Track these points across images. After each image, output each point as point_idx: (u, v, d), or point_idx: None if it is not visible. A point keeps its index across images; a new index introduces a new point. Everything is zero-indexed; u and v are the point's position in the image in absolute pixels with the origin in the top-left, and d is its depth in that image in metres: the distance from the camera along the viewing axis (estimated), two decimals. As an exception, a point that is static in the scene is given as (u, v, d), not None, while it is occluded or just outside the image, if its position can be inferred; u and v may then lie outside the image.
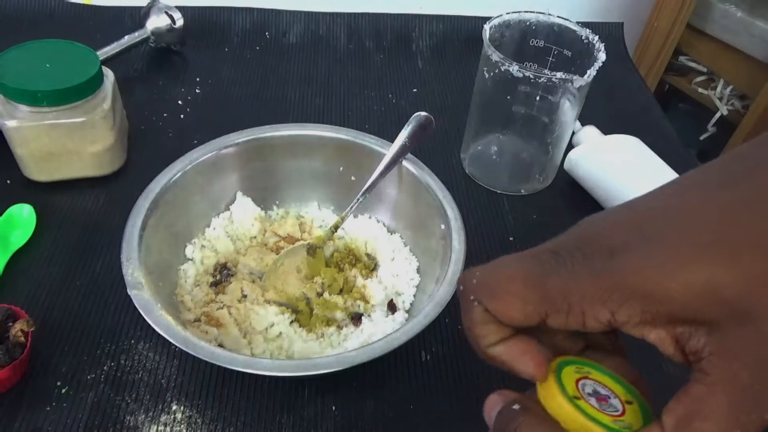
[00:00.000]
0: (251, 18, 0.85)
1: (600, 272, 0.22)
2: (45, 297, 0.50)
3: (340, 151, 0.56)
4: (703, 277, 0.21)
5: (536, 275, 0.24)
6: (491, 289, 0.25)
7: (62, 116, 0.55)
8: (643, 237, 0.22)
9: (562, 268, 0.23)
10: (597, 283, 0.22)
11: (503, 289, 0.24)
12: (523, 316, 0.24)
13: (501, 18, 0.60)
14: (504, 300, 0.24)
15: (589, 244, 0.23)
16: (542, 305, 0.24)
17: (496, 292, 0.25)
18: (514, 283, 0.24)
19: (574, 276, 0.23)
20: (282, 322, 0.49)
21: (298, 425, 0.44)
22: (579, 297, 0.23)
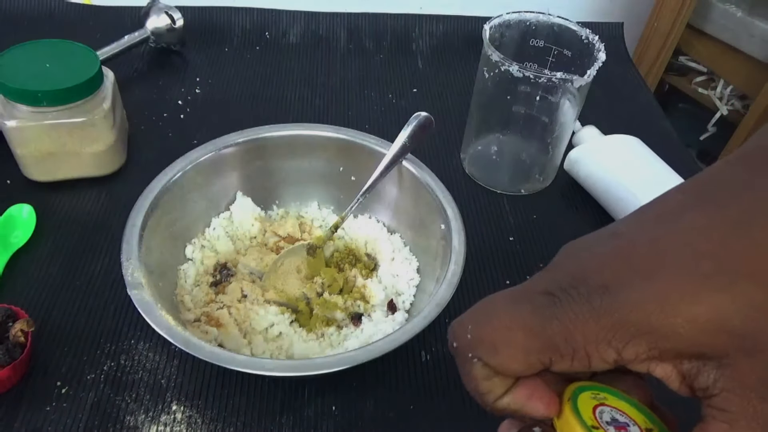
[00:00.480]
0: (251, 18, 0.85)
1: (600, 311, 0.21)
2: (45, 297, 0.50)
3: (340, 151, 0.56)
4: (707, 309, 0.20)
5: (535, 323, 0.22)
6: (489, 344, 0.23)
7: (62, 116, 0.55)
8: (637, 271, 0.22)
9: (559, 311, 0.22)
10: (599, 324, 0.21)
11: (503, 342, 0.23)
12: (526, 367, 0.23)
13: (501, 18, 0.60)
14: (506, 354, 0.23)
15: (582, 281, 0.22)
16: (545, 354, 0.23)
17: (496, 347, 0.23)
18: (514, 334, 0.23)
19: (574, 319, 0.22)
20: (282, 322, 0.49)
21: (298, 425, 0.44)
22: (582, 340, 0.22)
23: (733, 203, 0.22)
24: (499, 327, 0.23)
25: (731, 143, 1.11)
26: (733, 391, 0.21)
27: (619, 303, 0.21)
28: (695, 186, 0.24)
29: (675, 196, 0.24)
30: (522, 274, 0.57)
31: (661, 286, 0.21)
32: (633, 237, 0.23)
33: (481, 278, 0.56)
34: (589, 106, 0.62)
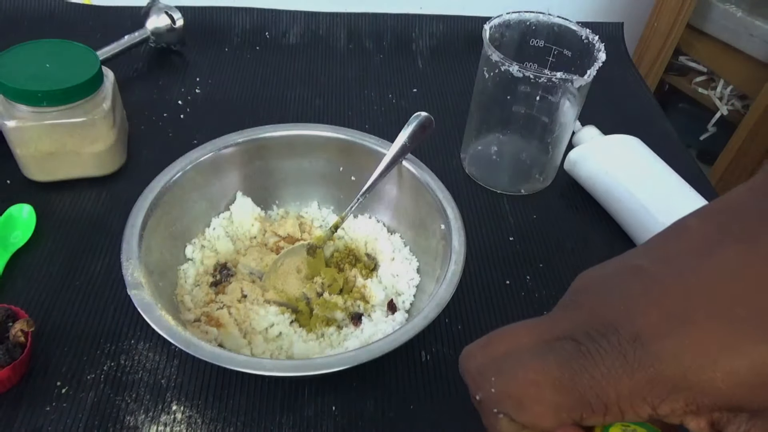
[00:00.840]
0: (251, 18, 0.85)
1: (634, 365, 0.20)
2: (45, 297, 0.50)
3: (340, 151, 0.56)
4: (748, 362, 0.19)
5: (564, 377, 0.21)
6: (516, 400, 0.22)
7: (62, 116, 0.55)
8: (670, 318, 0.20)
9: (590, 363, 0.21)
10: (633, 379, 0.20)
11: (530, 399, 0.22)
12: (556, 424, 0.22)
13: (501, 18, 0.60)
14: (534, 412, 0.22)
15: (612, 329, 0.21)
16: (576, 410, 0.21)
17: (523, 404, 0.22)
18: (541, 390, 0.21)
19: (606, 374, 0.21)
20: (282, 322, 0.49)
21: (298, 425, 0.44)
22: (616, 396, 0.21)
23: (763, 238, 0.20)
24: (525, 382, 0.22)
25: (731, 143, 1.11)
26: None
27: (653, 356, 0.20)
28: (720, 216, 0.22)
29: (700, 228, 0.22)
30: (522, 275, 0.57)
31: (697, 335, 0.20)
32: (661, 277, 0.22)
33: (481, 278, 0.56)
34: (589, 106, 0.62)
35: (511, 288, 0.55)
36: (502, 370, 0.23)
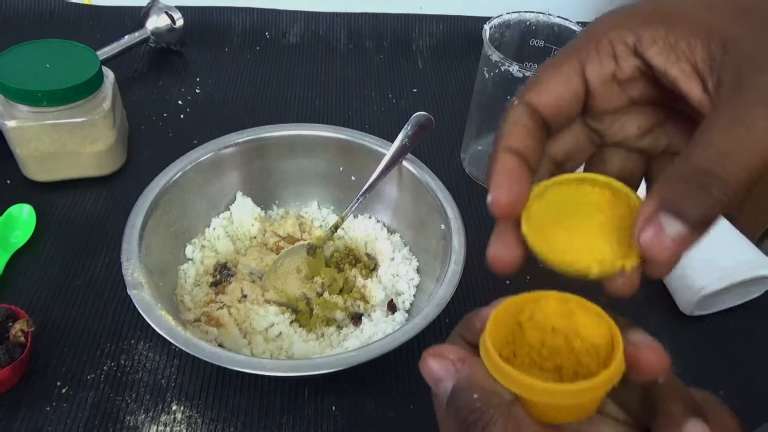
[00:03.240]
0: (251, 18, 0.85)
1: (619, 14, 0.23)
2: (45, 297, 0.50)
3: (340, 151, 0.56)
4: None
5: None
6: (536, 79, 0.24)
7: (62, 116, 0.55)
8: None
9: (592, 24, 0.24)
10: (614, 17, 0.23)
11: (545, 75, 0.24)
12: (565, 87, 0.23)
13: (501, 18, 0.60)
14: (546, 83, 0.24)
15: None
16: (577, 55, 0.23)
17: (539, 78, 0.24)
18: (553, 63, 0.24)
19: (604, 18, 0.24)
20: (282, 322, 0.49)
21: (298, 425, 0.44)
22: (606, 29, 0.23)
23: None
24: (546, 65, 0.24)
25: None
26: (747, 67, 0.19)
27: (638, 6, 0.23)
28: None
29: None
30: (522, 275, 0.56)
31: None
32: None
33: (481, 278, 0.56)
34: (589, 106, 0.62)
35: (511, 288, 0.55)
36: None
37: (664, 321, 0.54)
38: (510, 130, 0.24)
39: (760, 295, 0.56)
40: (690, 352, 0.52)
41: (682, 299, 0.54)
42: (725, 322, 0.55)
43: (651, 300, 0.56)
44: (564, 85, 0.23)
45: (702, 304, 0.53)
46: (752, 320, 0.55)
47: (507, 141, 0.23)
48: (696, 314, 0.54)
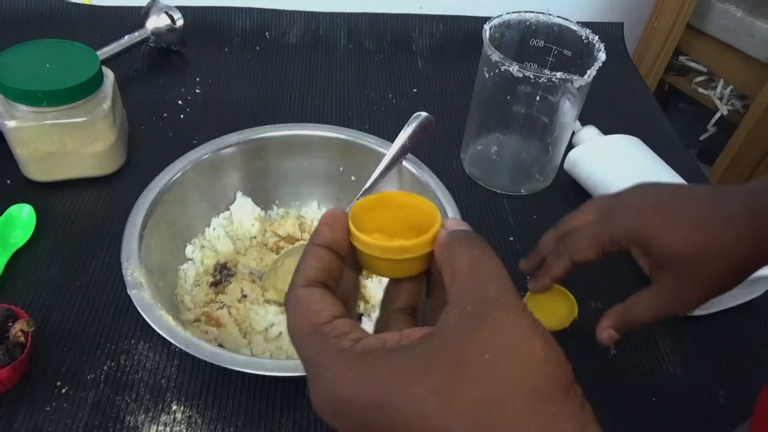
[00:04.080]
0: (251, 18, 0.85)
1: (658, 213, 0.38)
2: (45, 297, 0.50)
3: (340, 151, 0.56)
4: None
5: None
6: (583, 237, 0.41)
7: (62, 116, 0.55)
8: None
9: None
10: (650, 219, 0.38)
11: (583, 245, 0.41)
12: (592, 253, 0.40)
13: (501, 18, 0.60)
14: (584, 251, 0.41)
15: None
16: (600, 245, 0.40)
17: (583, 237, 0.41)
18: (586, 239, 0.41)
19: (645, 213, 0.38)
20: (282, 322, 0.49)
21: (298, 425, 0.44)
22: (615, 236, 0.39)
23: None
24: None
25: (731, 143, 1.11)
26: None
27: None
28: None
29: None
30: (522, 275, 0.56)
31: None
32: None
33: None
34: (589, 106, 0.62)
35: (511, 288, 0.55)
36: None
37: (664, 321, 0.54)
38: (555, 270, 0.43)
39: (760, 295, 0.56)
40: (690, 352, 0.52)
41: (682, 299, 0.54)
42: (725, 322, 0.55)
43: (651, 300, 0.56)
44: (593, 256, 0.40)
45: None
46: (752, 320, 0.55)
47: (553, 273, 0.43)
48: (696, 314, 0.54)
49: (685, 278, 0.37)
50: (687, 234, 0.36)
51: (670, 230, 0.36)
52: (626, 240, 0.38)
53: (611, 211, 0.39)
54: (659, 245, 0.37)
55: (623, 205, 0.39)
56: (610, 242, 0.39)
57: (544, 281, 0.43)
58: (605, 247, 0.39)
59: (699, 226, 0.36)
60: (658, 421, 0.47)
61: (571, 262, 0.41)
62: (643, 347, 0.52)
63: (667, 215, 0.37)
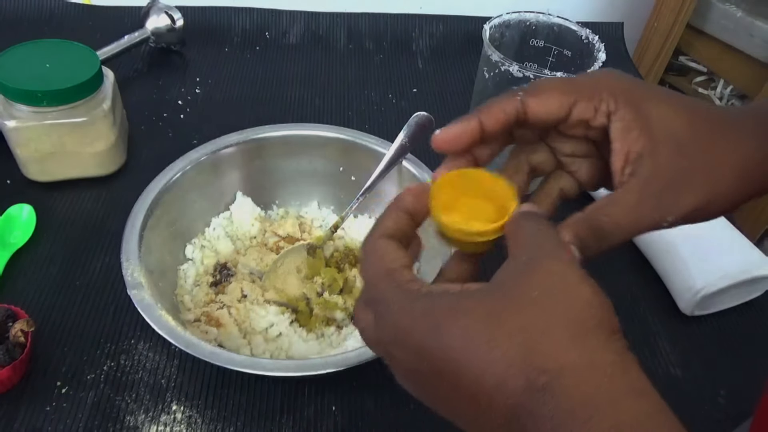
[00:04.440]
0: (251, 18, 0.85)
1: (621, 80, 0.31)
2: (45, 297, 0.50)
3: (340, 151, 0.56)
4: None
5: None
6: (535, 86, 0.31)
7: (62, 116, 0.55)
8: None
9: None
10: (615, 84, 0.30)
11: (548, 92, 0.31)
12: (557, 109, 0.30)
13: (501, 18, 0.60)
14: (544, 95, 0.30)
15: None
16: (577, 93, 0.30)
17: (539, 88, 0.31)
18: (554, 83, 0.31)
19: (609, 76, 0.31)
20: (282, 322, 0.49)
21: (298, 425, 0.44)
22: (603, 88, 0.30)
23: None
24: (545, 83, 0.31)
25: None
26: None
27: (631, 85, 0.30)
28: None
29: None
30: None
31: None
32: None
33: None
34: (589, 106, 0.62)
35: (511, 288, 0.55)
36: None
37: (664, 321, 0.54)
38: (491, 109, 0.31)
39: (760, 295, 0.56)
40: (690, 352, 0.52)
41: (682, 299, 0.54)
42: (725, 322, 0.55)
43: (651, 300, 0.56)
44: (557, 107, 0.30)
45: (702, 304, 0.53)
46: (752, 320, 0.55)
47: (482, 114, 0.31)
48: (696, 314, 0.54)
49: (682, 160, 0.28)
50: (694, 111, 0.29)
51: (675, 100, 0.30)
52: (613, 94, 0.29)
53: (592, 72, 0.33)
54: (658, 110, 0.29)
55: (609, 70, 0.32)
56: (591, 95, 0.30)
57: (464, 124, 0.31)
58: (580, 101, 0.30)
59: (705, 109, 0.30)
60: (658, 421, 0.47)
61: (523, 105, 0.30)
62: (643, 347, 0.52)
63: (664, 89, 0.31)
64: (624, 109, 0.29)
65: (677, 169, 0.28)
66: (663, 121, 0.29)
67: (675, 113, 0.29)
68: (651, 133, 0.29)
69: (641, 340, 0.52)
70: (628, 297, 0.56)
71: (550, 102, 0.30)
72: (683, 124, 0.29)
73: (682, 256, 0.53)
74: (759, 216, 1.03)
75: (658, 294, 0.56)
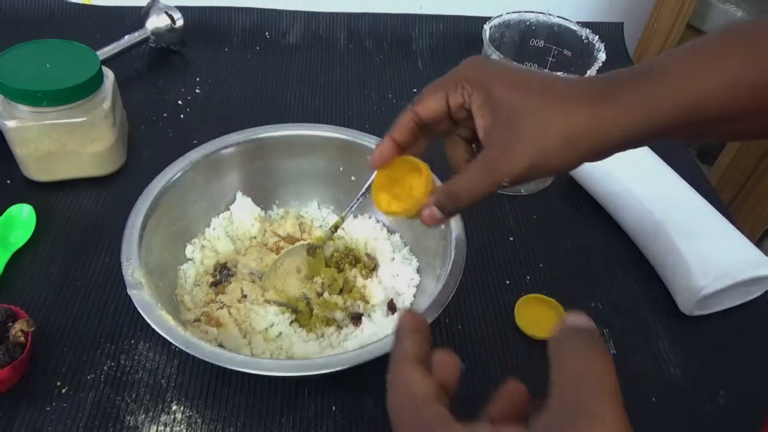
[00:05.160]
0: (251, 18, 0.85)
1: (477, 68, 0.37)
2: (45, 297, 0.50)
3: (340, 151, 0.56)
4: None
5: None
6: (421, 97, 0.39)
7: (62, 116, 0.55)
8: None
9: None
10: (472, 74, 0.37)
11: (426, 92, 0.39)
12: (438, 106, 0.38)
13: (501, 18, 0.60)
14: (425, 99, 0.39)
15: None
16: (446, 89, 0.38)
17: (424, 99, 0.39)
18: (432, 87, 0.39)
19: (469, 67, 0.37)
20: (282, 322, 0.49)
21: (298, 425, 0.44)
22: (464, 78, 0.37)
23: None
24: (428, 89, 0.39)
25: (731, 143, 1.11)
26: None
27: (486, 69, 0.37)
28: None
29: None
30: (522, 274, 0.57)
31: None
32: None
33: (481, 278, 0.56)
34: (589, 106, 0.62)
35: (511, 288, 0.55)
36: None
37: (664, 321, 0.54)
38: (396, 127, 0.40)
39: (760, 295, 0.56)
40: (690, 352, 0.52)
41: (682, 299, 0.54)
42: (725, 322, 0.55)
43: (651, 300, 0.56)
44: (436, 104, 0.38)
45: (702, 304, 0.53)
46: (752, 320, 0.55)
47: (393, 132, 0.40)
48: (696, 314, 0.54)
49: (515, 130, 0.34)
50: (528, 85, 0.35)
51: (515, 79, 0.35)
52: (471, 82, 0.36)
53: (461, 64, 0.38)
54: (499, 90, 0.35)
55: (472, 57, 0.38)
56: (455, 85, 0.36)
57: (382, 146, 0.40)
58: (450, 92, 0.37)
59: (542, 82, 0.35)
60: (658, 421, 0.47)
61: (414, 113, 0.38)
62: (643, 347, 0.52)
63: (511, 68, 0.36)
64: (476, 92, 0.36)
65: (507, 138, 0.34)
66: (502, 99, 0.35)
67: (511, 90, 0.35)
68: (494, 110, 0.35)
69: (641, 340, 0.52)
70: (628, 297, 0.56)
71: (430, 103, 0.38)
72: (517, 99, 0.34)
73: (682, 256, 0.53)
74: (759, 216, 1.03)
75: (658, 294, 0.56)
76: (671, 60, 0.33)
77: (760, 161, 1.07)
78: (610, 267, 0.58)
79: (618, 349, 0.51)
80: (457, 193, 0.36)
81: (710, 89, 0.32)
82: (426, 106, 0.38)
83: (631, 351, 0.52)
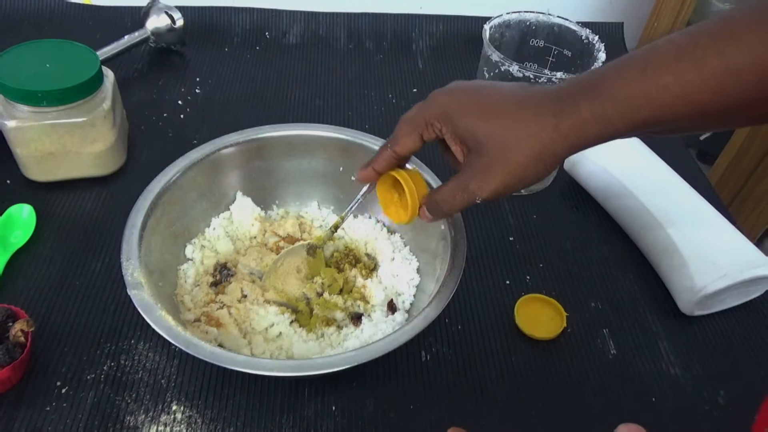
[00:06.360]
0: (251, 18, 0.85)
1: (444, 104, 0.40)
2: (45, 297, 0.50)
3: (340, 151, 0.56)
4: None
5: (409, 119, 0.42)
6: (397, 139, 0.43)
7: (62, 116, 0.55)
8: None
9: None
10: (440, 110, 0.40)
11: (401, 134, 0.42)
12: (413, 145, 0.42)
13: (501, 18, 0.60)
14: (401, 140, 0.42)
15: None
16: (418, 128, 0.41)
17: (399, 140, 0.42)
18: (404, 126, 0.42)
19: (437, 104, 0.40)
20: (282, 322, 0.49)
21: (298, 425, 0.44)
22: (435, 115, 0.40)
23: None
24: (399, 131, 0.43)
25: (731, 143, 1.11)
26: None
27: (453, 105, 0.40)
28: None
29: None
30: (522, 274, 0.57)
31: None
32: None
33: (481, 278, 0.56)
34: (589, 106, 0.62)
35: (511, 288, 0.55)
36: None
37: (664, 321, 0.54)
38: (378, 160, 0.44)
39: (760, 295, 0.56)
40: (690, 352, 0.52)
41: (682, 299, 0.54)
42: (725, 322, 0.55)
43: (651, 300, 0.56)
44: (412, 142, 0.42)
45: (702, 304, 0.53)
46: (752, 320, 0.55)
47: (375, 165, 0.44)
48: (696, 314, 0.54)
49: (485, 157, 0.38)
50: (488, 112, 0.38)
51: (476, 109, 0.38)
52: (438, 119, 0.39)
53: (428, 99, 0.41)
54: (464, 122, 0.38)
55: (438, 91, 0.41)
56: (426, 125, 0.40)
57: (367, 171, 0.44)
58: (422, 132, 0.41)
59: (502, 106, 0.37)
60: (658, 421, 0.47)
61: (393, 152, 0.42)
62: (643, 347, 0.52)
63: (473, 95, 0.39)
64: (445, 127, 0.40)
65: (478, 163, 0.38)
66: (467, 130, 0.38)
67: (472, 120, 0.38)
68: (462, 140, 0.39)
69: (641, 340, 0.52)
70: (628, 297, 0.56)
71: (406, 143, 0.42)
72: (480, 128, 0.38)
73: (682, 256, 0.53)
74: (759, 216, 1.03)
75: (658, 294, 0.56)
76: (612, 71, 0.35)
77: (760, 161, 1.07)
78: (610, 267, 0.58)
79: (618, 349, 0.51)
80: (438, 203, 0.42)
81: (655, 100, 0.33)
82: (403, 146, 0.42)
83: (631, 351, 0.52)
